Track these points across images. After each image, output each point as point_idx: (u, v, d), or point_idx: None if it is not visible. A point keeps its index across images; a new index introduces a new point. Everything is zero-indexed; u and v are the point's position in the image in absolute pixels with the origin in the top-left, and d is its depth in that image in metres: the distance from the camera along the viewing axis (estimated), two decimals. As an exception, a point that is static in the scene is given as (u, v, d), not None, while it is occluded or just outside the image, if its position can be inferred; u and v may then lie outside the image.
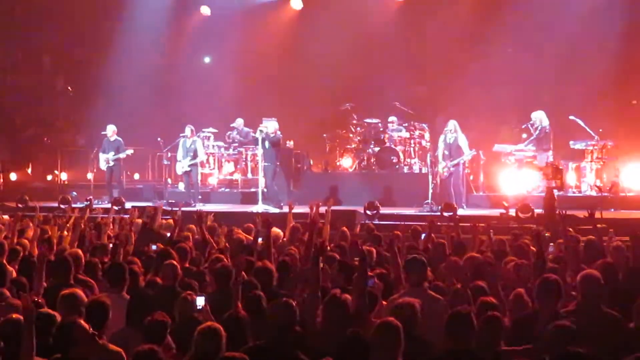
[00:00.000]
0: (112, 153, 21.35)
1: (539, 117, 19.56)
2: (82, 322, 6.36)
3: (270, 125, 19.86)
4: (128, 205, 19.10)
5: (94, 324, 6.53)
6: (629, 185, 19.45)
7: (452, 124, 19.18)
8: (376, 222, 16.51)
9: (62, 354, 6.20)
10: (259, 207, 19.12)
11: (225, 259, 9.56)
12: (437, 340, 6.85)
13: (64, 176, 26.02)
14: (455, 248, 10.86)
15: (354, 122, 22.45)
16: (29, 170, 26.80)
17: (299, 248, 10.82)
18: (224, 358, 5.96)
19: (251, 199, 20.66)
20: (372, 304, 7.51)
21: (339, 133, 22.79)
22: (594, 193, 18.76)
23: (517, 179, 19.74)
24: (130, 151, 21.55)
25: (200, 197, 21.12)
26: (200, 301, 7.45)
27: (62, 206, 19.41)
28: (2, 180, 20.44)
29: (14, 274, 9.23)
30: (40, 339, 6.17)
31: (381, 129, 21.80)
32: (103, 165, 21.58)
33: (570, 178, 19.79)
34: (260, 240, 11.36)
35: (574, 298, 7.63)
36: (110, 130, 21.50)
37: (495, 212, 17.28)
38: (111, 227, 14.01)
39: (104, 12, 26.30)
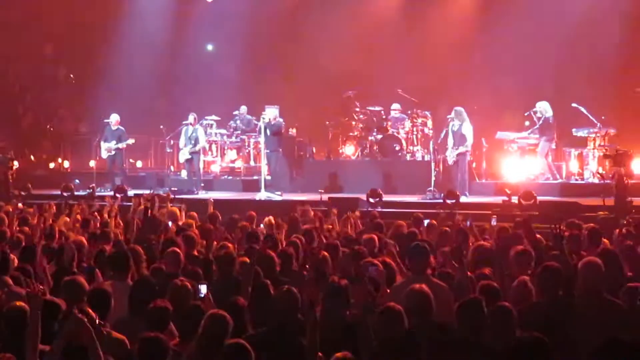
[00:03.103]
0: (114, 142, 21.35)
1: (543, 108, 19.53)
2: (89, 310, 6.37)
3: (269, 113, 19.85)
4: (130, 193, 19.14)
5: (96, 312, 6.54)
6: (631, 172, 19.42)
7: (455, 111, 19.11)
8: (379, 209, 16.52)
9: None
10: (262, 195, 19.14)
11: (230, 246, 9.62)
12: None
13: (66, 164, 26.04)
14: (456, 235, 10.87)
15: (357, 109, 22.41)
16: (32, 158, 26.81)
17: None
18: (228, 345, 5.97)
19: (254, 186, 20.66)
20: (375, 291, 7.52)
21: (342, 121, 22.74)
22: (596, 180, 18.73)
23: (519, 166, 19.76)
24: (131, 141, 21.52)
25: (202, 184, 21.15)
26: (202, 289, 7.45)
27: (64, 194, 19.45)
28: (13, 169, 20.32)
29: (16, 262, 9.23)
30: (44, 326, 6.19)
31: (384, 117, 21.76)
32: (105, 154, 21.58)
33: (573, 165, 19.80)
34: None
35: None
36: (114, 119, 21.51)
37: (498, 199, 17.29)
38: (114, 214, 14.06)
39: (107, 1, 26.25)
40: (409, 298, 6.89)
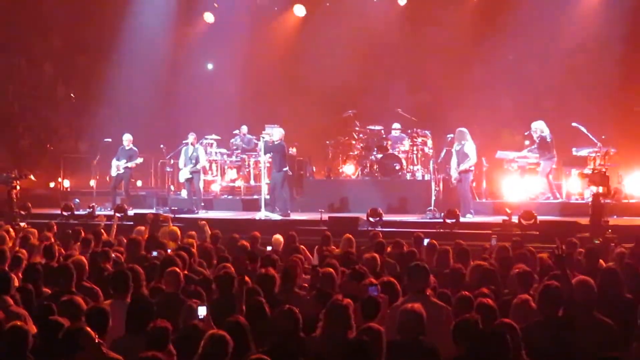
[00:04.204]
0: (124, 161, 21.37)
1: (539, 127, 19.50)
2: (89, 329, 6.37)
3: (275, 133, 19.83)
4: (130, 212, 19.13)
5: (94, 330, 6.54)
6: (631, 192, 19.43)
7: (458, 132, 18.95)
8: (379, 229, 16.48)
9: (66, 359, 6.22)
10: (262, 214, 19.11)
11: (230, 266, 9.61)
12: (440, 347, 6.85)
13: (66, 183, 26.03)
14: (458, 255, 10.84)
15: (357, 128, 22.42)
16: (32, 178, 26.79)
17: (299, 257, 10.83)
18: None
19: (254, 206, 20.64)
20: (375, 311, 7.51)
21: (342, 140, 22.72)
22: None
23: (520, 185, 19.75)
24: (139, 160, 21.58)
25: (202, 204, 21.13)
26: (201, 310, 7.45)
27: (64, 213, 19.47)
28: (17, 188, 20.22)
29: (17, 282, 9.21)
30: (48, 344, 6.21)
31: (384, 136, 21.77)
32: (114, 172, 21.58)
33: (573, 185, 19.78)
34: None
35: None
36: (127, 140, 21.56)
37: (498, 218, 17.27)
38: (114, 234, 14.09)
39: (106, 20, 26.31)
40: (400, 316, 6.95)
